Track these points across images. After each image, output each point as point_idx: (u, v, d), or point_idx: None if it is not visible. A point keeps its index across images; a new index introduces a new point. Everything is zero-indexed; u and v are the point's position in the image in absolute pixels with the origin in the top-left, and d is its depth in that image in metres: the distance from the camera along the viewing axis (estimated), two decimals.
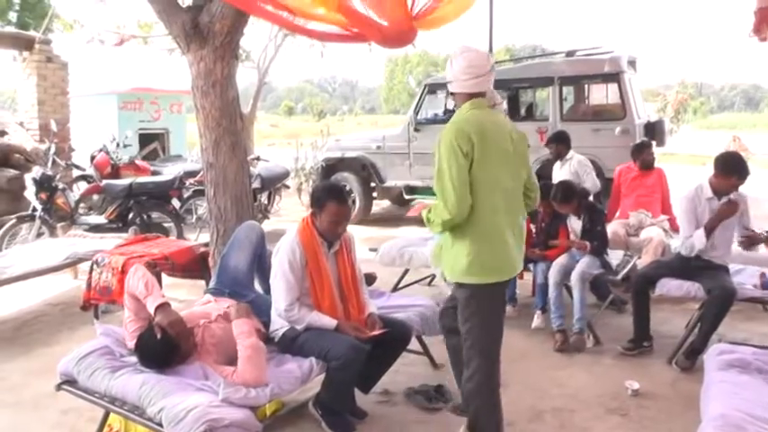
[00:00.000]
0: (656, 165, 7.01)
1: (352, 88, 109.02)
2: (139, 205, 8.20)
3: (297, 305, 3.75)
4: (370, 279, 4.73)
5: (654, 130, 9.25)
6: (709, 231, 4.95)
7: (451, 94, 3.50)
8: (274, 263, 3.84)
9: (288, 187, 10.50)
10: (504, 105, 4.10)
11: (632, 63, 9.71)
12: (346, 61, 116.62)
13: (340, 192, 3.91)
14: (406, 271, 6.33)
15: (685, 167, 17.95)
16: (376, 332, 3.78)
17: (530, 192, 3.50)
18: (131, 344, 3.54)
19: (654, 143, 9.37)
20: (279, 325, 3.82)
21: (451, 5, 5.71)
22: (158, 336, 3.36)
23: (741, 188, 5.03)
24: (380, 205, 11.97)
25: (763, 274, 5.19)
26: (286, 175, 10.69)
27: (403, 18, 5.04)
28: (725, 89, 75.51)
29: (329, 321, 3.75)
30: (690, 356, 4.86)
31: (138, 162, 11.35)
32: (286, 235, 3.91)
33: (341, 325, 3.75)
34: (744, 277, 5.33)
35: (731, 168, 4.92)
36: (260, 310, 3.94)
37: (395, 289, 6.24)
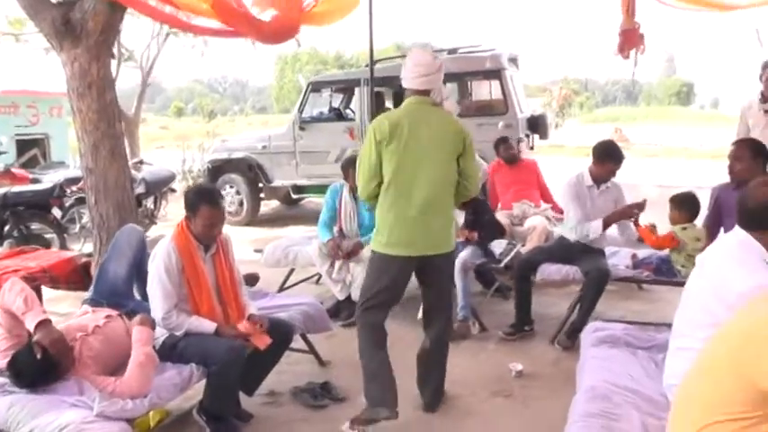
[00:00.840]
0: (544, 157, 7.26)
1: (242, 88, 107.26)
2: (16, 216, 7.78)
3: (175, 312, 3.67)
4: (253, 280, 4.70)
5: (536, 124, 9.59)
6: (607, 225, 5.21)
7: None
8: (151, 270, 3.75)
9: (174, 191, 10.21)
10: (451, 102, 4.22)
11: (514, 60, 9.98)
12: (236, 60, 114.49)
13: (212, 195, 3.85)
14: (292, 270, 6.30)
15: (572, 159, 18.66)
16: (254, 328, 3.76)
17: (464, 181, 3.90)
18: (2, 363, 3.34)
19: (537, 136, 9.76)
20: (158, 333, 3.70)
21: (336, 3, 5.74)
22: (38, 355, 3.17)
23: (619, 176, 5.34)
24: (269, 205, 11.85)
25: (634, 255, 5.47)
26: (172, 178, 10.42)
27: (296, 10, 5.01)
28: (608, 84, 78.61)
29: (208, 325, 3.69)
30: (571, 336, 5.08)
31: (15, 170, 10.73)
32: (162, 240, 3.82)
33: (220, 328, 3.71)
34: (618, 259, 5.61)
35: (607, 155, 5.22)
36: None
37: (281, 289, 6.19)
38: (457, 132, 3.85)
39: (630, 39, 5.75)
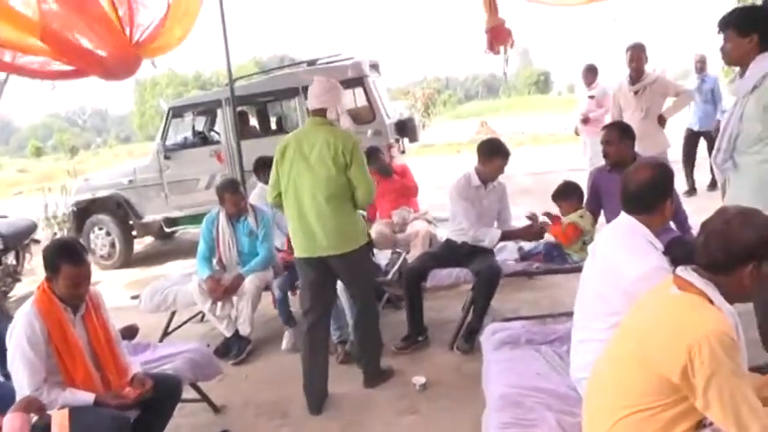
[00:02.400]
0: (415, 158, 7.23)
1: (102, 118, 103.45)
2: None
3: (45, 388, 3.24)
4: (132, 332, 4.36)
5: (405, 128, 9.54)
6: (505, 238, 5.27)
7: None
8: (10, 345, 3.30)
9: (38, 242, 9.45)
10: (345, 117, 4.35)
11: (375, 66, 9.91)
12: (93, 89, 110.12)
13: (73, 250, 3.41)
14: (174, 313, 5.92)
15: (442, 157, 18.93)
16: (137, 391, 3.41)
17: (356, 190, 4.33)
18: None
19: (407, 140, 9.74)
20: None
21: (176, 30, 5.44)
22: None
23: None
24: (143, 242, 11.28)
25: (520, 248, 5.50)
26: (33, 228, 9.65)
27: (122, 46, 4.68)
28: (468, 80, 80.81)
29: (85, 396, 3.30)
30: (468, 339, 5.05)
31: None
32: (21, 308, 3.38)
33: (99, 398, 3.32)
34: (506, 253, 5.60)
35: (494, 152, 5.23)
36: (2, 402, 3.31)
37: (164, 335, 5.81)
38: (340, 146, 4.22)
39: (499, 35, 5.79)
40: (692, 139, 9.94)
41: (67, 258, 3.33)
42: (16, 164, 54.31)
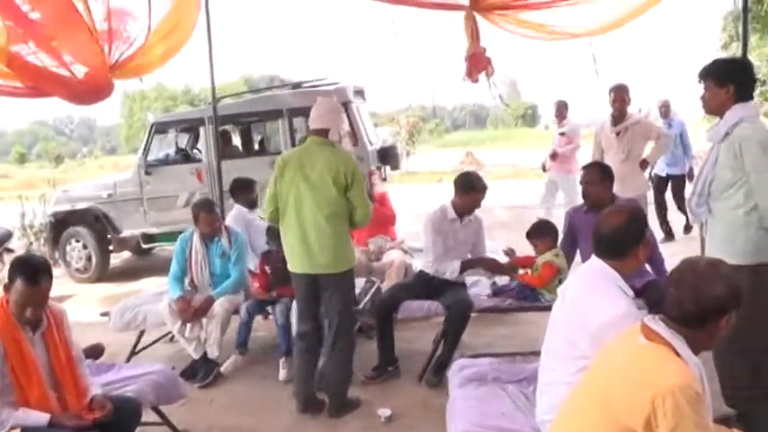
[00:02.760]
0: (396, 186, 7.23)
1: (90, 128, 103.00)
2: None
3: None
4: (96, 352, 4.30)
5: (387, 155, 9.57)
6: (465, 269, 5.23)
7: None
8: None
9: (12, 251, 9.36)
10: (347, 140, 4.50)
11: (360, 92, 9.95)
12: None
13: (33, 268, 3.26)
14: (142, 333, 5.84)
15: (424, 185, 18.95)
16: (95, 415, 3.33)
17: (354, 210, 4.50)
18: None
19: (388, 167, 9.75)
20: None
21: (158, 48, 5.43)
22: None
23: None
24: (120, 257, 11.18)
25: (494, 283, 5.49)
26: (8, 236, 9.58)
27: (97, 68, 4.64)
28: (456, 110, 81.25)
29: (39, 417, 3.18)
30: (437, 373, 5.01)
31: None
32: None
33: (55, 418, 3.21)
34: (479, 288, 5.59)
35: (470, 186, 5.23)
36: None
37: (132, 354, 5.73)
38: (342, 168, 4.39)
39: (477, 63, 5.84)
40: (660, 185, 9.65)
41: (21, 274, 3.21)
42: None
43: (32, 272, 3.23)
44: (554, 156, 9.34)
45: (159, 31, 5.34)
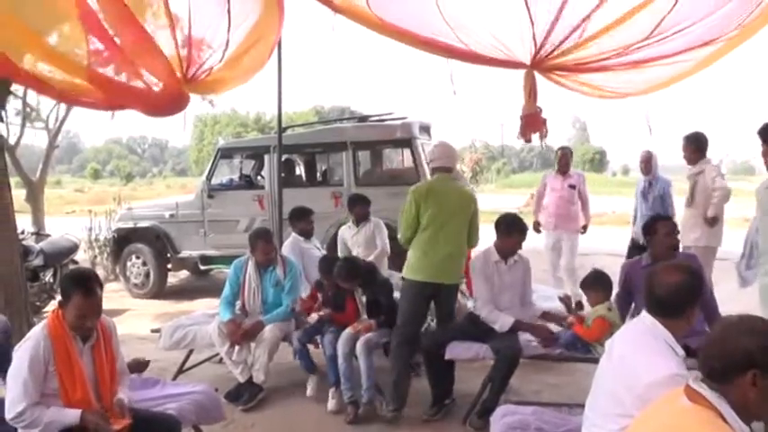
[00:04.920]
0: None
1: (162, 149, 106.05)
2: None
3: (30, 410, 3.23)
4: (140, 367, 4.34)
5: None
6: (517, 329, 5.11)
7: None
8: (15, 356, 3.35)
9: (77, 263, 9.66)
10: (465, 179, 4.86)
11: (425, 128, 9.98)
12: (156, 121, 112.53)
13: (88, 282, 3.42)
14: (191, 352, 5.92)
15: (485, 226, 18.80)
16: (123, 424, 3.39)
17: (473, 233, 5.45)
18: None
19: None
20: None
21: (234, 69, 5.55)
22: None
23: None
24: (177, 276, 11.41)
25: (547, 327, 5.36)
26: (74, 249, 9.87)
27: (171, 80, 4.78)
28: (524, 151, 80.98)
29: (71, 415, 3.29)
30: (482, 416, 4.90)
31: None
32: (35, 327, 3.45)
33: (85, 415, 3.30)
34: (529, 334, 5.45)
35: (511, 228, 5.18)
36: None
37: (179, 372, 5.81)
38: (469, 200, 5.45)
39: (532, 123, 5.79)
40: (636, 254, 7.96)
41: (80, 288, 3.36)
42: (75, 183, 55.91)
43: (88, 284, 3.40)
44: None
45: (236, 50, 5.47)
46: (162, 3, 4.82)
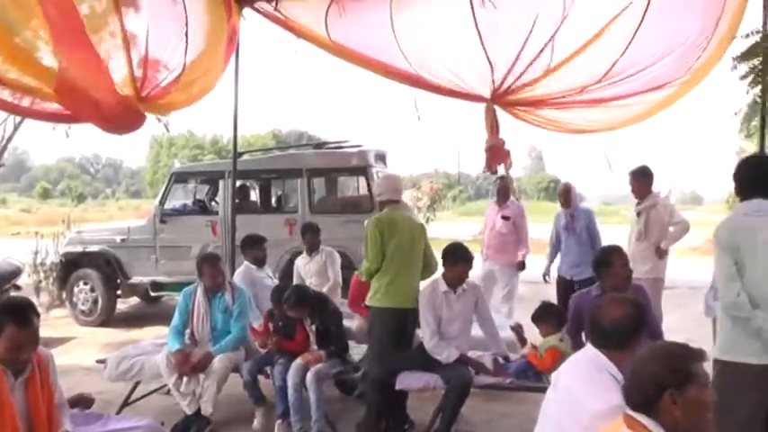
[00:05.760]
0: None
1: (116, 170, 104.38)
2: None
3: None
4: (85, 403, 4.20)
5: None
6: (462, 362, 5.13)
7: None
8: None
9: (19, 288, 9.37)
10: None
11: (381, 157, 10.01)
12: (109, 140, 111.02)
13: (22, 311, 3.22)
14: (138, 383, 5.77)
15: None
16: None
17: (429, 261, 5.62)
18: None
19: None
20: None
21: (192, 87, 5.54)
22: None
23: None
24: (127, 302, 11.19)
25: (495, 360, 5.37)
26: (17, 273, 9.57)
27: (126, 99, 4.75)
28: (480, 179, 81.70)
29: None
30: None
31: None
32: None
33: None
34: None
35: (456, 258, 5.21)
36: None
37: (124, 405, 5.66)
38: (421, 229, 5.66)
39: (497, 155, 5.89)
40: (565, 290, 7.33)
41: (12, 319, 3.15)
42: (22, 203, 54.56)
43: (23, 314, 3.20)
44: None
45: (187, 77, 5.47)
46: (118, 22, 4.82)
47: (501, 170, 6.03)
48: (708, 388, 2.25)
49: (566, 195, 7.65)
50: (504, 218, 8.12)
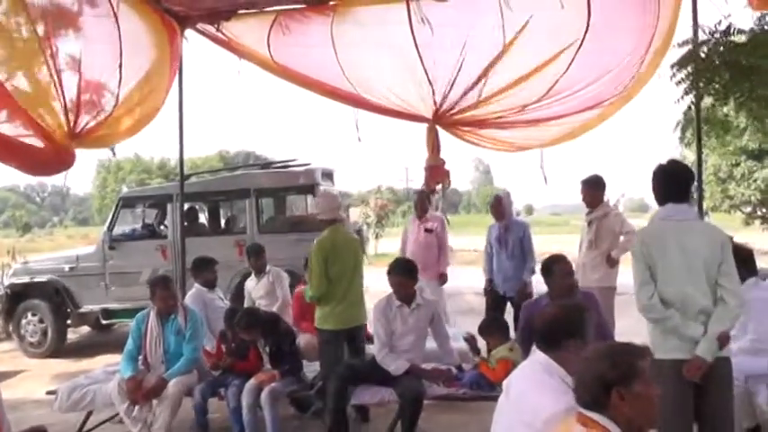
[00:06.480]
0: (372, 268, 7.16)
1: (62, 198, 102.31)
2: None
3: None
4: None
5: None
6: (412, 372, 5.15)
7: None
8: None
9: None
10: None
11: (329, 175, 10.10)
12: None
13: None
14: (90, 413, 5.66)
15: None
16: None
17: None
18: None
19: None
20: None
21: (125, 120, 5.51)
22: None
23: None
24: (78, 332, 10.98)
25: (449, 370, 5.43)
26: None
27: (57, 138, 4.70)
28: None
29: None
30: None
31: None
32: None
33: None
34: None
35: (395, 270, 5.30)
36: None
37: None
38: (359, 246, 5.96)
39: (436, 174, 6.01)
40: (497, 304, 7.24)
41: None
42: None
43: None
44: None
45: (127, 101, 5.45)
46: (51, 47, 4.76)
47: (440, 189, 6.18)
48: (653, 383, 2.33)
49: (497, 207, 7.37)
50: (428, 230, 8.00)
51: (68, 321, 9.97)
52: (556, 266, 4.88)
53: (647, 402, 2.29)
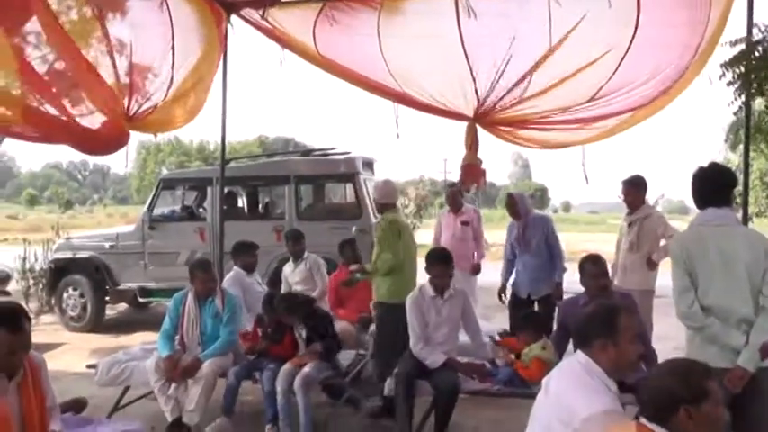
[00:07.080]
0: None
1: (103, 176, 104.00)
2: None
3: None
4: (79, 406, 4.25)
5: None
6: (448, 365, 5.12)
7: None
8: None
9: (8, 293, 9.41)
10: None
11: (369, 164, 10.09)
12: None
13: (14, 316, 3.25)
14: (127, 388, 5.79)
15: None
16: None
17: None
18: None
19: None
20: None
21: (177, 108, 5.57)
22: None
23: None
24: (116, 308, 11.19)
25: (484, 365, 5.42)
26: (6, 278, 9.65)
27: (114, 117, 4.78)
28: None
29: None
30: None
31: None
32: None
33: None
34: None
35: (434, 259, 5.27)
36: None
37: (114, 410, 5.67)
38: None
39: (471, 173, 5.94)
40: (518, 309, 6.54)
41: (4, 324, 3.19)
42: (9, 209, 54.18)
43: (14, 320, 3.23)
44: None
45: (180, 87, 5.50)
46: (99, 28, 4.83)
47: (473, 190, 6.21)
48: (721, 405, 2.33)
49: (512, 206, 6.85)
50: (464, 223, 8.12)
51: (107, 298, 10.19)
52: (586, 265, 4.90)
53: (713, 424, 2.29)
